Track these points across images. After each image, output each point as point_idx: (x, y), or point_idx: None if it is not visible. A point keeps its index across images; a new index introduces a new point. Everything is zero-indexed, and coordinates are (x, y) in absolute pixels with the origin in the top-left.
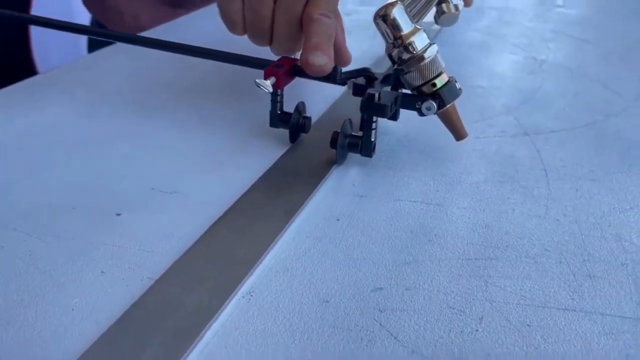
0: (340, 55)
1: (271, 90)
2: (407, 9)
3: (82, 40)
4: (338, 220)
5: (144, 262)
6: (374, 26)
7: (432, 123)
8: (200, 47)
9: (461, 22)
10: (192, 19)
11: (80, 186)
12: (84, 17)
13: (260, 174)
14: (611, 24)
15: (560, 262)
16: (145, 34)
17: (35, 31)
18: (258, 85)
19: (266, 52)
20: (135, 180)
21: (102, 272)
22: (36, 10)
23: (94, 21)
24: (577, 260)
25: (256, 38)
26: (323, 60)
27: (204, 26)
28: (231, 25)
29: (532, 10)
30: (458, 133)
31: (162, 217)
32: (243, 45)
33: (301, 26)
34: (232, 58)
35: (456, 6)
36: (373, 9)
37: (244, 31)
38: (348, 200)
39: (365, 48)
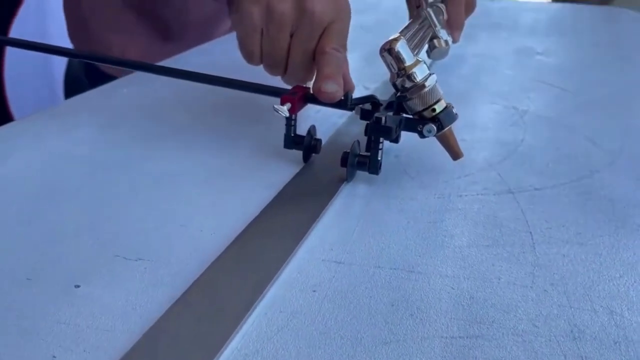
0: (345, 84)
1: (288, 114)
2: (408, 42)
3: (59, 87)
4: (314, 291)
5: (102, 344)
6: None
7: (412, 180)
8: (217, 76)
9: (441, 70)
10: (184, 58)
11: (38, 252)
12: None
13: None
14: (590, 73)
15: (549, 340)
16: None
17: (9, 79)
18: (276, 110)
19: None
20: (98, 245)
21: (54, 357)
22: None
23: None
24: (568, 338)
25: (272, 68)
26: (334, 87)
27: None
28: (249, 56)
29: (512, 58)
30: (455, 153)
31: (125, 290)
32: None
33: (314, 58)
34: (249, 86)
35: (446, 41)
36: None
37: (261, 61)
38: (325, 268)
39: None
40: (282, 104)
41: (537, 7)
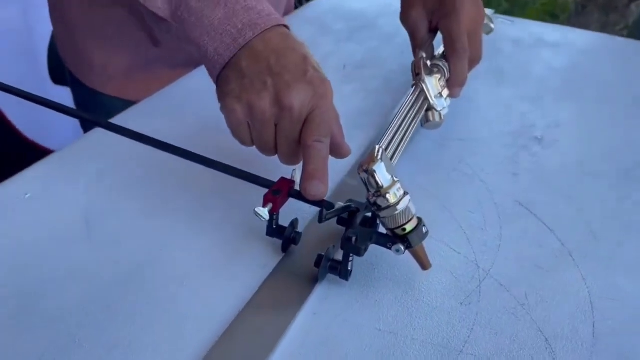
0: (340, 150)
1: (268, 218)
2: (394, 140)
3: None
4: None
5: None
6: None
7: None
8: (206, 158)
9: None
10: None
11: None
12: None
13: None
14: (597, 186)
15: None
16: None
17: None
18: (257, 214)
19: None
20: None
21: None
22: None
23: (68, 72)
24: None
25: (264, 152)
26: (320, 189)
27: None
28: (242, 143)
29: (502, 150)
30: (423, 265)
31: None
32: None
33: (300, 144)
34: (238, 174)
35: (440, 114)
36: None
37: (253, 144)
38: None
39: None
40: (265, 204)
41: (559, 42)
